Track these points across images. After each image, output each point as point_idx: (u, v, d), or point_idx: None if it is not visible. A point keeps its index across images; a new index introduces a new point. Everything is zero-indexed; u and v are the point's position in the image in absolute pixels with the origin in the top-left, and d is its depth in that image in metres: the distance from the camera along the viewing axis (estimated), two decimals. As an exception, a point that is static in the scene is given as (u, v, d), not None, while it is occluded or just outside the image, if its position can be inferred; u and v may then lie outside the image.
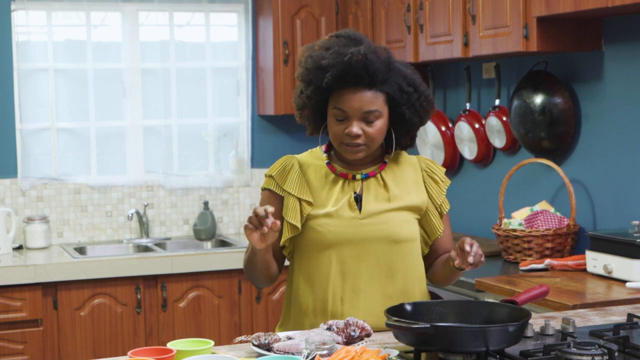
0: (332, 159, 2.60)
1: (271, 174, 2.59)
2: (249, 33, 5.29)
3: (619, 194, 3.76)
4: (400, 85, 2.49)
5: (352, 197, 2.52)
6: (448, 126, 4.67)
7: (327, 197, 2.53)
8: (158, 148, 5.17)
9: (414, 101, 2.51)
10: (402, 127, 2.54)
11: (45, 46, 4.94)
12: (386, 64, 2.48)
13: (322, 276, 2.50)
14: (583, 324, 2.57)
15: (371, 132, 2.47)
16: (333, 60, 2.45)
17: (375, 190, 2.54)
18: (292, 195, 2.53)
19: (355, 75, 2.44)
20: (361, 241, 2.49)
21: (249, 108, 5.31)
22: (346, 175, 2.55)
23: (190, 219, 5.23)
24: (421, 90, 2.53)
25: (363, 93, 2.46)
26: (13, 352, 4.30)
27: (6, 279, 4.28)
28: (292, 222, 2.51)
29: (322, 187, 2.54)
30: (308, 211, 2.51)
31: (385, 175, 2.56)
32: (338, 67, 2.44)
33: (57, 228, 4.99)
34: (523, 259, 3.82)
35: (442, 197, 2.60)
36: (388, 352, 2.15)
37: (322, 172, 2.57)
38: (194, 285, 4.62)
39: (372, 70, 2.45)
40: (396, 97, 2.48)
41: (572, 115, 3.93)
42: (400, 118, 2.51)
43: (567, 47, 3.70)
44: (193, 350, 2.16)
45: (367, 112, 2.46)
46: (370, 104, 2.46)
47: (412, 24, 4.36)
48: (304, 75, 2.52)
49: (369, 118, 2.46)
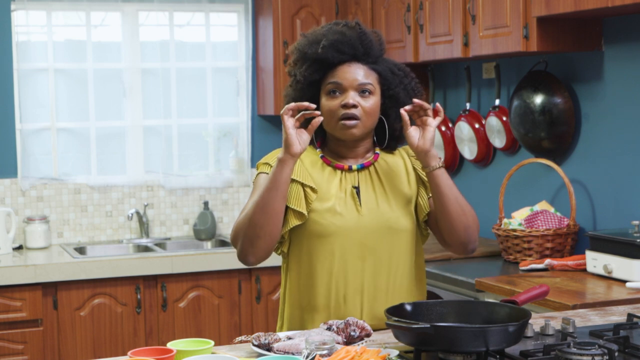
0: (325, 152, 2.59)
1: (267, 161, 2.55)
2: (249, 33, 5.29)
3: (619, 194, 3.76)
4: (391, 68, 2.54)
5: (353, 190, 2.52)
6: (448, 126, 4.67)
7: (327, 188, 2.51)
8: (158, 148, 5.17)
9: (406, 83, 2.54)
10: (396, 110, 2.52)
11: (45, 46, 4.94)
12: (379, 43, 2.54)
13: (324, 269, 2.49)
14: (583, 324, 2.56)
15: (366, 107, 2.47)
16: (327, 31, 2.51)
17: (372, 183, 2.54)
18: (295, 181, 2.49)
19: (350, 46, 2.47)
20: (362, 233, 2.48)
21: (249, 108, 5.32)
22: (342, 166, 2.54)
23: (190, 219, 5.23)
24: (411, 75, 2.57)
25: (357, 67, 2.49)
26: (13, 352, 4.30)
27: (6, 279, 4.29)
28: (298, 209, 2.47)
29: (321, 178, 2.52)
30: (313, 198, 2.48)
31: (378, 167, 2.56)
32: (333, 36, 2.48)
33: (57, 228, 4.99)
34: (523, 259, 3.82)
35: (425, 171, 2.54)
36: (388, 352, 2.15)
37: (318, 165, 2.55)
38: (194, 285, 4.62)
39: (367, 43, 2.49)
40: (388, 77, 2.51)
41: (572, 115, 3.93)
42: (393, 100, 2.52)
43: (567, 47, 3.70)
44: (193, 350, 2.16)
45: (362, 83, 2.47)
46: (365, 77, 2.48)
47: (412, 24, 4.36)
48: (297, 53, 2.52)
49: (364, 88, 2.47)
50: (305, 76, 2.51)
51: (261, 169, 2.57)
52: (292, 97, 2.55)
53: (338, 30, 2.50)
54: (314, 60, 2.49)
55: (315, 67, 2.50)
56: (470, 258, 4.04)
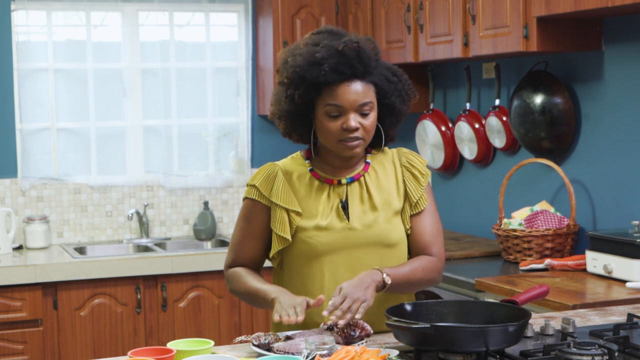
0: (314, 164, 2.55)
1: (254, 183, 2.52)
2: (249, 33, 5.29)
3: (619, 194, 3.76)
4: (386, 75, 2.49)
5: (340, 206, 2.49)
6: (448, 126, 4.67)
7: (314, 206, 2.48)
8: (158, 148, 5.17)
9: (400, 90, 2.51)
10: (392, 118, 2.52)
11: (45, 46, 4.94)
12: (374, 53, 2.48)
13: (315, 288, 2.47)
14: (583, 324, 2.57)
15: (367, 125, 2.45)
16: (326, 53, 2.41)
17: (360, 196, 2.51)
18: (279, 206, 2.48)
19: (349, 66, 2.41)
20: (352, 249, 2.46)
21: (249, 108, 5.31)
22: (331, 180, 2.51)
23: (190, 219, 5.23)
24: (404, 79, 2.54)
25: (356, 86, 2.43)
26: (13, 352, 4.30)
27: (6, 279, 4.29)
28: (282, 235, 2.47)
29: (309, 196, 2.50)
30: (297, 222, 2.47)
31: (368, 179, 2.53)
32: (334, 58, 2.40)
33: (57, 228, 4.99)
34: (523, 259, 3.82)
35: (419, 193, 2.54)
36: (388, 352, 2.15)
37: (306, 179, 2.52)
38: (194, 285, 4.62)
39: (365, 60, 2.43)
40: (384, 87, 2.47)
41: (572, 115, 3.93)
42: (389, 109, 2.50)
43: (567, 47, 3.70)
44: (193, 350, 2.16)
45: (362, 104, 2.43)
46: (364, 96, 2.43)
47: (412, 24, 4.36)
48: (294, 75, 2.43)
49: (364, 110, 2.44)
50: (302, 97, 2.44)
51: (248, 192, 2.54)
52: (285, 111, 2.48)
53: (338, 51, 2.41)
54: (313, 83, 2.42)
55: (313, 89, 2.43)
56: (470, 258, 4.04)
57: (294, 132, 2.52)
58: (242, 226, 2.56)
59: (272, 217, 2.50)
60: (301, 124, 2.50)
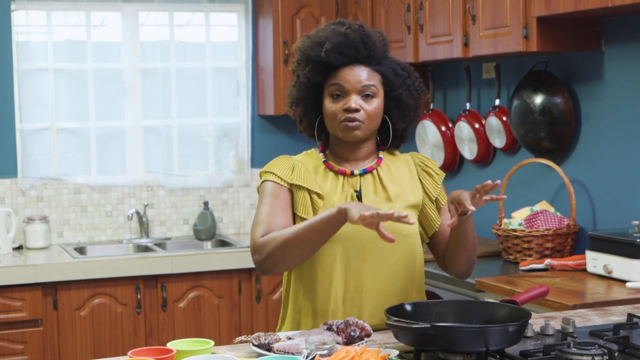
0: (328, 157, 2.59)
1: (271, 170, 2.54)
2: (249, 33, 5.29)
3: (619, 194, 3.76)
4: (394, 69, 2.53)
5: (354, 195, 2.52)
6: (448, 126, 4.67)
7: (330, 194, 2.51)
8: (158, 148, 5.17)
9: (409, 84, 2.54)
10: (399, 111, 2.54)
11: (45, 46, 4.94)
12: (382, 44, 2.53)
13: (325, 276, 2.48)
14: (583, 324, 2.56)
15: (369, 110, 2.47)
16: (331, 34, 2.49)
17: (374, 187, 2.53)
18: (301, 187, 2.50)
19: (353, 48, 2.47)
20: (365, 237, 2.47)
21: (249, 108, 5.32)
22: (344, 171, 2.54)
23: (190, 219, 5.23)
24: (414, 75, 2.57)
25: (360, 69, 2.48)
26: (13, 352, 4.30)
27: (6, 279, 4.29)
28: (304, 217, 2.47)
29: (324, 184, 2.53)
30: (320, 204, 2.49)
31: (381, 172, 2.55)
32: (336, 39, 2.48)
33: (57, 228, 4.99)
34: (523, 259, 3.82)
35: (437, 190, 2.59)
36: (388, 352, 2.15)
37: (321, 170, 2.55)
38: (194, 285, 4.62)
39: (370, 45, 2.49)
40: (391, 79, 2.51)
41: (572, 115, 3.94)
42: (396, 101, 2.52)
43: (567, 47, 3.70)
44: (193, 350, 2.16)
45: (365, 85, 2.47)
46: (368, 79, 2.48)
47: (412, 23, 4.36)
48: (300, 55, 2.52)
49: (367, 92, 2.47)
50: (308, 78, 2.51)
51: (266, 176, 2.55)
52: (295, 97, 2.56)
53: (341, 32, 2.49)
54: (316, 62, 2.49)
55: (318, 70, 2.50)
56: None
57: (305, 117, 2.58)
58: (269, 202, 2.49)
59: (294, 200, 2.50)
60: (310, 111, 2.56)
